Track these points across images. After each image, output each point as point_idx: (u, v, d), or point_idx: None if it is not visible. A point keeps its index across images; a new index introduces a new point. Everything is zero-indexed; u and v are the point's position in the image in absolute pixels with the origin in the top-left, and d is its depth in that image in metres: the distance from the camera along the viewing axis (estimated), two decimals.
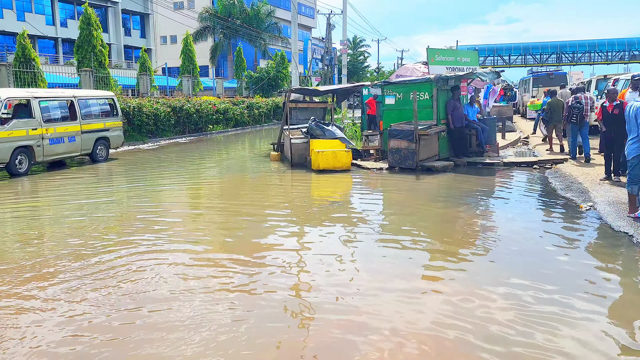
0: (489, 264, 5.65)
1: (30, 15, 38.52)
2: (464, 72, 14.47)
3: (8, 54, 33.43)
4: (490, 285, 4.88)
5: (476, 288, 4.82)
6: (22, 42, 20.27)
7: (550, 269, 5.32)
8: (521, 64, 61.72)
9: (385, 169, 12.44)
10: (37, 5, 39.61)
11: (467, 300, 4.53)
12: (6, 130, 12.02)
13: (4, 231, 7.39)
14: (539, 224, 7.44)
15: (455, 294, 4.70)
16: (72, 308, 4.48)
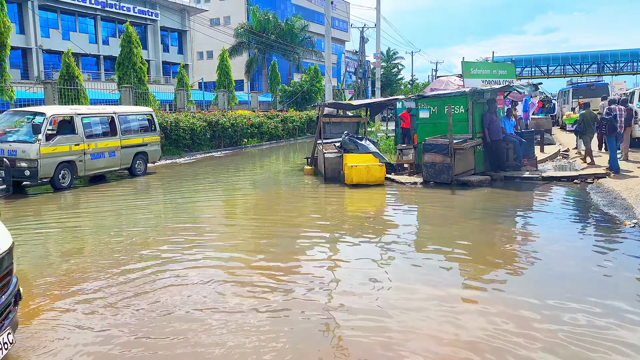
0: (528, 282, 5.47)
1: (75, 34, 40.00)
2: (500, 85, 14.22)
3: (54, 72, 34.75)
4: (529, 304, 4.72)
5: (515, 306, 4.67)
6: (67, 61, 21.03)
7: (593, 289, 5.11)
8: (560, 74, 60.30)
9: (419, 183, 12.29)
10: (81, 24, 41.12)
11: (505, 319, 4.39)
12: (51, 146, 12.42)
13: (47, 243, 7.61)
14: (580, 241, 7.19)
15: (493, 312, 4.56)
16: (109, 321, 4.54)
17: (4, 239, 3.53)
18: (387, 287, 5.42)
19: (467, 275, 5.77)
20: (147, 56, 40.24)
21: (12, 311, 3.52)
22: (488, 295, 5.10)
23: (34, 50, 36.90)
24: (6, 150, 12.04)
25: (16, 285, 3.61)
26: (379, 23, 39.07)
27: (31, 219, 9.52)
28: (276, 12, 51.20)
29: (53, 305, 5.01)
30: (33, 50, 36.85)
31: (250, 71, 48.54)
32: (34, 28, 36.81)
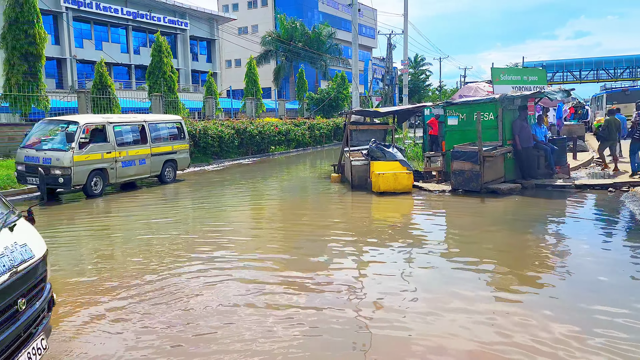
0: (560, 293, 5.32)
1: (107, 44, 41.01)
2: (531, 91, 13.97)
3: (87, 81, 35.66)
4: (565, 314, 4.59)
5: (548, 318, 4.55)
6: (100, 70, 21.56)
7: (630, 301, 4.94)
8: (593, 79, 58.97)
9: (447, 191, 12.14)
10: (113, 35, 42.15)
11: (540, 329, 4.28)
12: (84, 154, 12.70)
13: (79, 249, 7.76)
14: (616, 252, 6.97)
15: (528, 323, 4.45)
16: (139, 327, 4.59)
17: (39, 246, 3.61)
18: (415, 296, 5.34)
19: (498, 285, 5.65)
20: (176, 65, 40.90)
21: (46, 317, 3.59)
22: (522, 305, 4.98)
23: (68, 60, 37.95)
24: (41, 158, 12.37)
25: (50, 291, 3.69)
26: (407, 29, 38.96)
27: (64, 225, 9.73)
28: (303, 20, 51.53)
29: (84, 310, 5.09)
30: (67, 60, 37.90)
31: (278, 79, 48.92)
32: (68, 39, 37.88)
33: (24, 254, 3.32)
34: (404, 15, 38.55)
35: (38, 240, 3.69)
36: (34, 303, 3.39)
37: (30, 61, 18.43)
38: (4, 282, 3.01)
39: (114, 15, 40.44)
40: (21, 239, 3.40)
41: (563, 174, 13.23)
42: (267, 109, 36.00)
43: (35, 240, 3.62)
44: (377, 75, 54.94)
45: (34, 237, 3.64)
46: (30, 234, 3.63)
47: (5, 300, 3.03)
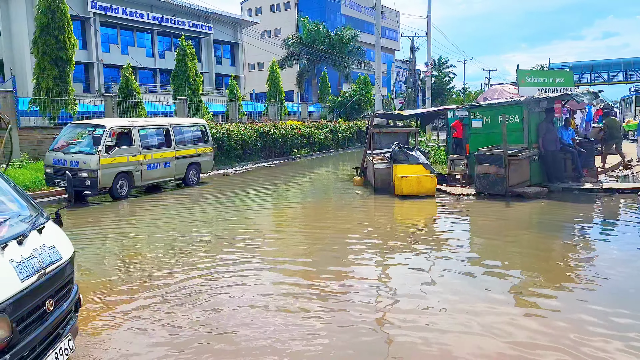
0: (589, 299, 5.20)
1: (133, 48, 41.70)
2: (558, 93, 13.73)
3: (113, 85, 36.31)
4: (591, 322, 4.49)
5: (576, 324, 4.45)
6: (126, 74, 21.92)
7: None
8: (622, 81, 57.63)
9: (472, 195, 12.00)
10: (139, 39, 42.85)
11: (567, 337, 4.19)
12: (110, 157, 12.91)
13: (105, 250, 7.88)
14: None
15: (551, 331, 4.36)
16: (164, 328, 4.64)
17: (66, 248, 3.68)
18: (438, 301, 5.28)
19: (524, 291, 5.55)
20: (200, 68, 41.36)
21: (73, 318, 3.66)
22: (547, 312, 4.88)
23: (96, 64, 38.69)
24: (69, 161, 12.61)
25: (77, 292, 3.76)
26: (430, 31, 38.71)
27: (91, 227, 9.91)
28: (326, 23, 51.68)
29: (109, 311, 5.17)
30: (94, 64, 38.64)
31: (301, 82, 49.09)
32: (95, 44, 38.63)
33: (52, 255, 3.39)
34: (428, 17, 38.32)
35: (66, 242, 3.76)
36: (62, 304, 3.46)
37: (60, 66, 18.83)
38: (33, 284, 3.08)
39: (140, 20, 41.11)
40: (49, 241, 3.47)
41: (591, 178, 12.96)
42: (289, 112, 36.14)
43: (63, 243, 3.70)
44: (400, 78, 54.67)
45: (61, 239, 3.71)
46: (58, 236, 3.70)
47: (34, 301, 3.10)
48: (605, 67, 58.03)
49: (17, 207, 3.66)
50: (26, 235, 3.24)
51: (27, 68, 31.56)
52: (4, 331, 2.79)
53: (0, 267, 2.92)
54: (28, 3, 32.97)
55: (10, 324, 2.82)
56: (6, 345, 2.83)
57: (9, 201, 3.68)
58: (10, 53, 34.35)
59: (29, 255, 3.16)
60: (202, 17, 46.30)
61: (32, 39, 19.03)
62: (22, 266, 3.04)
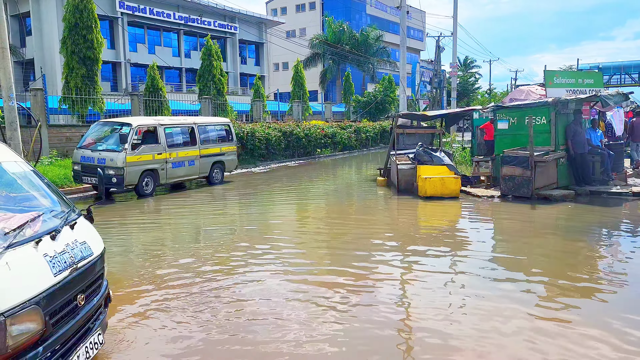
0: (616, 304, 5.10)
1: (159, 48, 42.27)
2: (586, 94, 13.47)
3: (140, 84, 36.88)
4: (618, 328, 4.40)
5: (602, 329, 4.37)
6: (152, 74, 22.24)
7: None
8: None
9: (496, 197, 11.86)
10: (165, 39, 43.41)
11: (591, 342, 4.11)
12: (136, 155, 13.12)
13: (131, 246, 8.02)
14: None
15: (578, 335, 4.29)
16: (185, 325, 4.71)
17: (97, 244, 3.76)
18: (461, 304, 5.24)
19: (549, 295, 5.47)
20: (225, 68, 41.70)
21: (103, 313, 3.74)
22: (573, 317, 4.81)
23: (123, 64, 39.33)
24: (96, 159, 12.85)
25: (106, 288, 3.84)
26: (456, 31, 38.32)
27: (117, 224, 10.08)
28: (351, 23, 51.59)
29: (133, 307, 5.26)
30: (122, 64, 39.29)
31: (325, 82, 49.10)
32: (123, 43, 39.27)
33: (83, 251, 3.47)
34: (454, 17, 37.94)
35: (97, 238, 3.85)
36: (92, 299, 3.54)
37: (88, 65, 19.20)
38: (65, 278, 3.16)
39: (167, 20, 41.65)
40: (81, 237, 3.55)
41: (620, 181, 12.69)
42: (313, 111, 36.18)
43: (94, 238, 3.78)
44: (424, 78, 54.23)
45: (93, 235, 3.80)
46: (90, 232, 3.79)
47: (66, 296, 3.18)
48: (636, 69, 56.59)
49: (49, 202, 3.76)
50: (59, 230, 3.33)
51: (56, 67, 32.25)
52: (38, 324, 2.87)
53: (35, 262, 3.01)
54: (58, 3, 33.65)
55: (43, 317, 2.90)
56: (39, 338, 2.92)
57: (42, 197, 3.78)
58: (40, 52, 35.16)
59: (62, 251, 3.24)
60: (228, 17, 46.68)
61: (61, 39, 19.44)
62: (55, 261, 3.13)
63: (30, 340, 2.83)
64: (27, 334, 2.80)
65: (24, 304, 2.78)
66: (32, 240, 3.07)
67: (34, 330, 2.85)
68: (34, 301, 2.85)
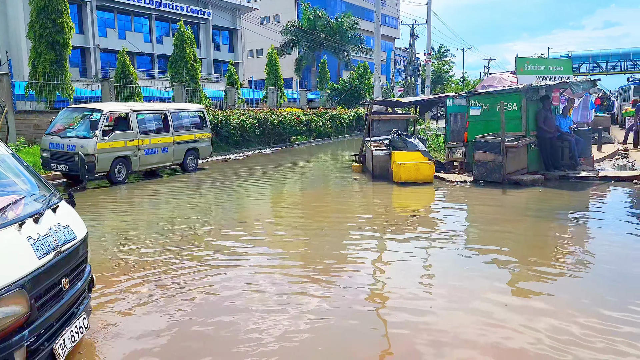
0: (582, 286, 5.34)
1: (130, 33, 41.39)
2: (556, 81, 13.79)
3: (110, 70, 36.12)
4: (582, 309, 4.61)
5: (566, 310, 4.57)
6: (122, 60, 21.85)
7: None
8: (620, 71, 57.66)
9: (469, 182, 12.11)
10: (136, 24, 42.51)
11: (560, 322, 4.31)
12: (107, 142, 12.91)
13: (103, 234, 7.96)
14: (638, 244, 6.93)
15: (543, 315, 4.48)
16: (159, 309, 4.74)
17: (80, 228, 3.76)
18: (433, 286, 5.40)
19: (520, 277, 5.67)
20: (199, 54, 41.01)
21: (87, 297, 3.75)
22: (542, 297, 5.01)
23: (92, 49, 38.42)
24: (65, 145, 12.60)
25: (90, 272, 3.84)
26: (430, 19, 38.57)
27: (88, 211, 9.91)
28: (326, 9, 51.29)
29: (109, 293, 5.26)
30: (91, 49, 38.37)
31: (300, 69, 48.88)
32: (92, 28, 38.32)
33: (67, 235, 3.47)
34: (428, 5, 38.16)
35: (79, 222, 3.84)
36: (76, 283, 3.55)
37: (56, 50, 18.75)
38: (49, 261, 3.16)
39: (137, 4, 40.75)
40: (64, 221, 3.55)
41: (587, 166, 13.08)
42: (288, 99, 36.08)
43: (77, 222, 3.78)
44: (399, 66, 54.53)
45: (75, 219, 3.79)
46: (72, 216, 3.78)
47: (51, 279, 3.19)
48: (604, 58, 58.05)
49: (30, 186, 3.73)
50: (42, 214, 3.32)
51: (23, 52, 31.34)
52: (23, 307, 2.87)
53: (18, 244, 3.00)
54: None
55: (29, 300, 2.91)
56: (25, 321, 2.92)
57: (22, 181, 3.75)
58: (5, 36, 34.03)
59: (45, 234, 3.23)
60: (201, 2, 45.96)
61: (29, 22, 18.90)
62: (38, 244, 3.12)
63: (15, 323, 2.84)
64: (12, 317, 2.80)
65: (9, 287, 2.78)
66: (15, 222, 3.06)
67: (20, 313, 2.85)
68: (19, 284, 2.85)
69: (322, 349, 4.00)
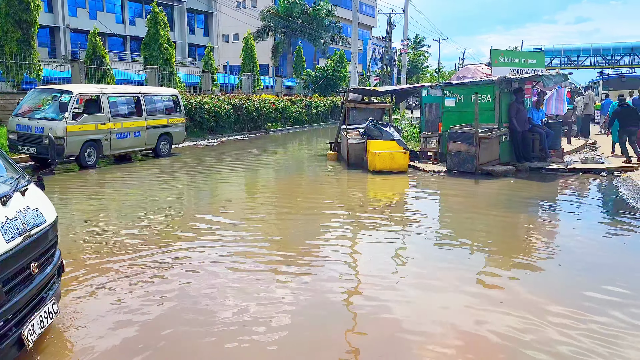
0: (547, 274, 5.47)
1: (102, 13, 40.36)
2: (529, 74, 14.01)
3: (81, 51, 35.19)
4: (551, 295, 4.73)
5: (538, 296, 4.68)
6: (93, 40, 21.29)
7: (614, 282, 5.09)
8: (590, 66, 58.92)
9: (443, 172, 12.25)
10: (107, 4, 41.45)
11: (529, 310, 4.41)
12: (77, 125, 12.60)
13: (71, 221, 7.80)
14: (604, 235, 7.13)
15: (511, 302, 4.58)
16: (133, 295, 4.69)
17: (49, 212, 3.66)
18: (405, 274, 5.47)
19: (489, 264, 5.78)
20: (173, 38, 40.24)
21: (56, 282, 3.67)
22: (511, 284, 5.12)
23: (62, 29, 37.35)
24: (33, 127, 12.27)
25: (59, 257, 3.76)
26: (407, 8, 38.59)
27: (57, 195, 9.71)
28: None
29: (79, 278, 5.17)
30: (60, 29, 37.30)
31: (276, 55, 48.44)
32: (61, 6, 37.20)
33: (36, 218, 3.38)
34: None
35: (49, 206, 3.74)
36: (46, 268, 3.47)
37: (23, 28, 18.16)
38: (17, 245, 3.08)
39: None
40: (33, 204, 3.45)
41: (557, 158, 13.37)
42: (264, 85, 35.77)
43: (46, 206, 3.68)
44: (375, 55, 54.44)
45: (45, 203, 3.69)
46: (42, 200, 3.68)
47: (19, 263, 3.10)
48: (575, 52, 59.21)
49: None
50: (10, 196, 3.22)
51: None
52: None
53: None
54: None
55: None
56: None
57: None
58: None
59: (14, 217, 3.14)
60: None
61: None
62: (6, 227, 3.04)
63: None
64: None
65: None
66: None
67: None
68: None
69: (294, 335, 4.01)
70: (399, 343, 3.89)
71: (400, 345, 3.85)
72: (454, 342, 3.90)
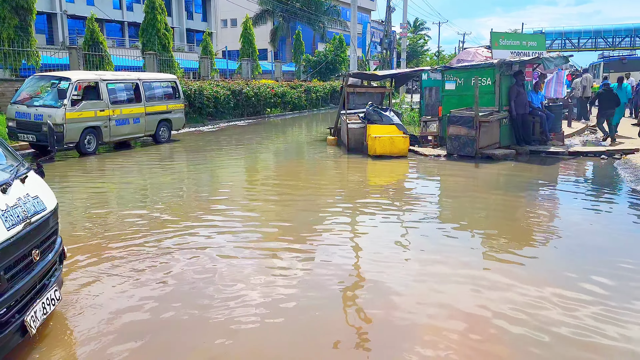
0: (549, 256, 5.50)
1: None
2: (530, 56, 13.91)
3: (78, 38, 34.91)
4: (548, 278, 4.76)
5: (539, 278, 4.71)
6: (91, 26, 21.10)
7: (613, 265, 5.11)
8: (591, 48, 58.51)
9: (443, 156, 12.24)
10: None
11: (531, 291, 4.44)
12: (76, 112, 12.56)
13: (71, 208, 7.81)
14: (605, 217, 7.15)
15: (519, 284, 4.61)
16: (134, 279, 4.72)
17: (50, 199, 3.67)
18: (407, 258, 5.49)
19: (490, 247, 5.81)
20: (170, 23, 39.92)
21: (58, 269, 3.69)
22: (513, 267, 5.14)
23: (59, 15, 37.02)
24: (32, 115, 12.24)
25: (61, 244, 3.77)
26: None
27: (57, 183, 9.72)
28: None
29: (81, 265, 5.20)
30: (58, 15, 36.98)
31: (275, 40, 48.09)
32: None
33: (36, 205, 3.38)
34: None
35: (49, 193, 3.75)
36: (47, 255, 3.48)
37: (21, 15, 17.99)
38: (18, 233, 3.09)
39: None
40: (33, 191, 3.46)
41: (557, 141, 13.34)
42: (263, 70, 35.55)
43: (47, 193, 3.68)
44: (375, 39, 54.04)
45: (45, 190, 3.69)
46: (42, 187, 3.69)
47: (21, 250, 3.12)
48: (576, 35, 58.77)
49: None
50: (10, 184, 3.22)
51: None
52: None
53: None
54: None
55: None
56: None
57: None
58: None
59: (14, 204, 3.15)
60: None
61: None
62: (7, 215, 3.04)
63: None
64: None
65: None
66: None
67: None
68: None
69: (296, 322, 4.04)
70: (401, 325, 3.92)
71: (402, 327, 3.88)
72: (457, 323, 3.92)
